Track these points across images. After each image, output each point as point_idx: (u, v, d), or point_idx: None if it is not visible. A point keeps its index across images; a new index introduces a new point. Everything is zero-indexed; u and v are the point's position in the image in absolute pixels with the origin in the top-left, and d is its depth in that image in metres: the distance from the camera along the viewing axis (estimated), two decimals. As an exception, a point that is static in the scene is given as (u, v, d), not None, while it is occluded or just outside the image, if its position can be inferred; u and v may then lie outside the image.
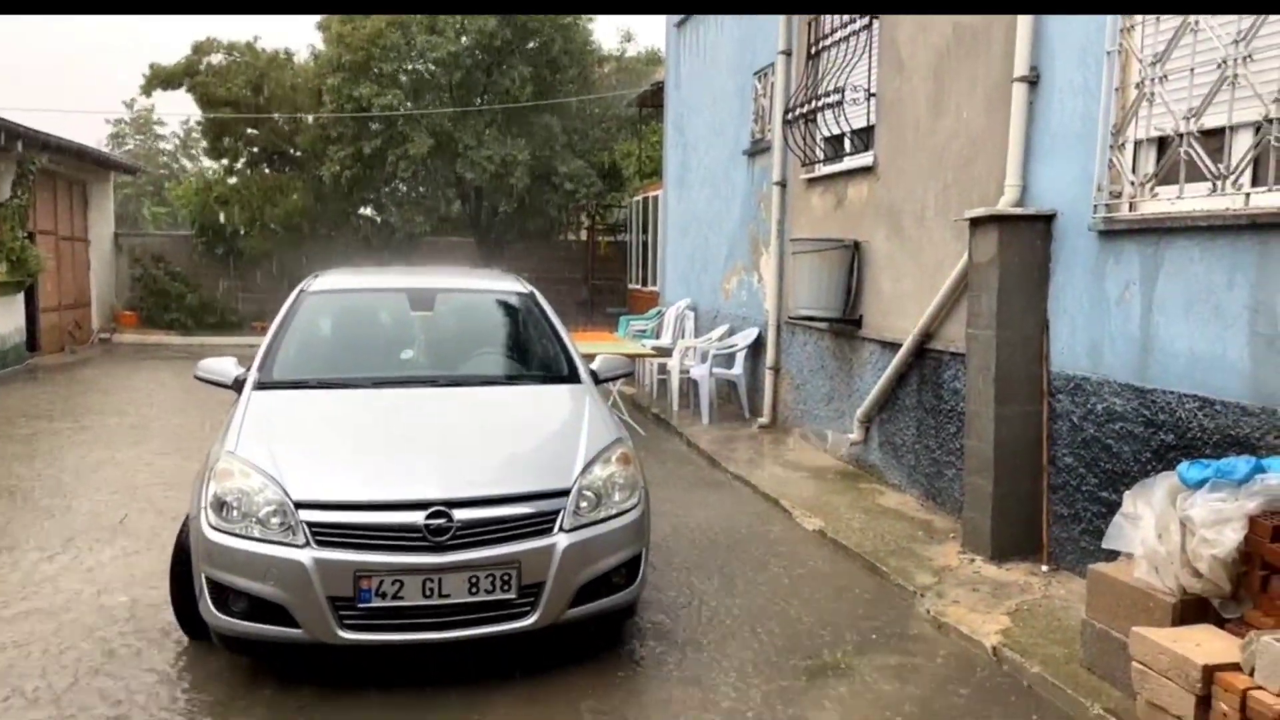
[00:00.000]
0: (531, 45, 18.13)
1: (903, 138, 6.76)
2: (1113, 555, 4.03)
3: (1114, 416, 4.71)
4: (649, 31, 26.32)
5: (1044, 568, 5.14)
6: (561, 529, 3.83)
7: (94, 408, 10.63)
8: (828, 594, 5.04)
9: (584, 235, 22.49)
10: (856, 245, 7.34)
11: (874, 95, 7.17)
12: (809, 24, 8.16)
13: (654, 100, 16.54)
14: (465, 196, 19.91)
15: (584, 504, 3.94)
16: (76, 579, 5.03)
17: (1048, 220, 5.15)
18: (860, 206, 7.42)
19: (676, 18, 13.01)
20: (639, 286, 17.76)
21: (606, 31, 35.54)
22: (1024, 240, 5.18)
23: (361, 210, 20.35)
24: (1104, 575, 3.83)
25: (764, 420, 9.31)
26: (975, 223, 5.42)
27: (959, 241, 5.89)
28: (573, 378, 5.01)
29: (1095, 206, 4.81)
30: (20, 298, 13.88)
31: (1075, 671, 3.91)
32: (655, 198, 15.84)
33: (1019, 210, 5.25)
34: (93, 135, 16.11)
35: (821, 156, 8.11)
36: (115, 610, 4.61)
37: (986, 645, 4.25)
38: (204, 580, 3.74)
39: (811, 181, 8.31)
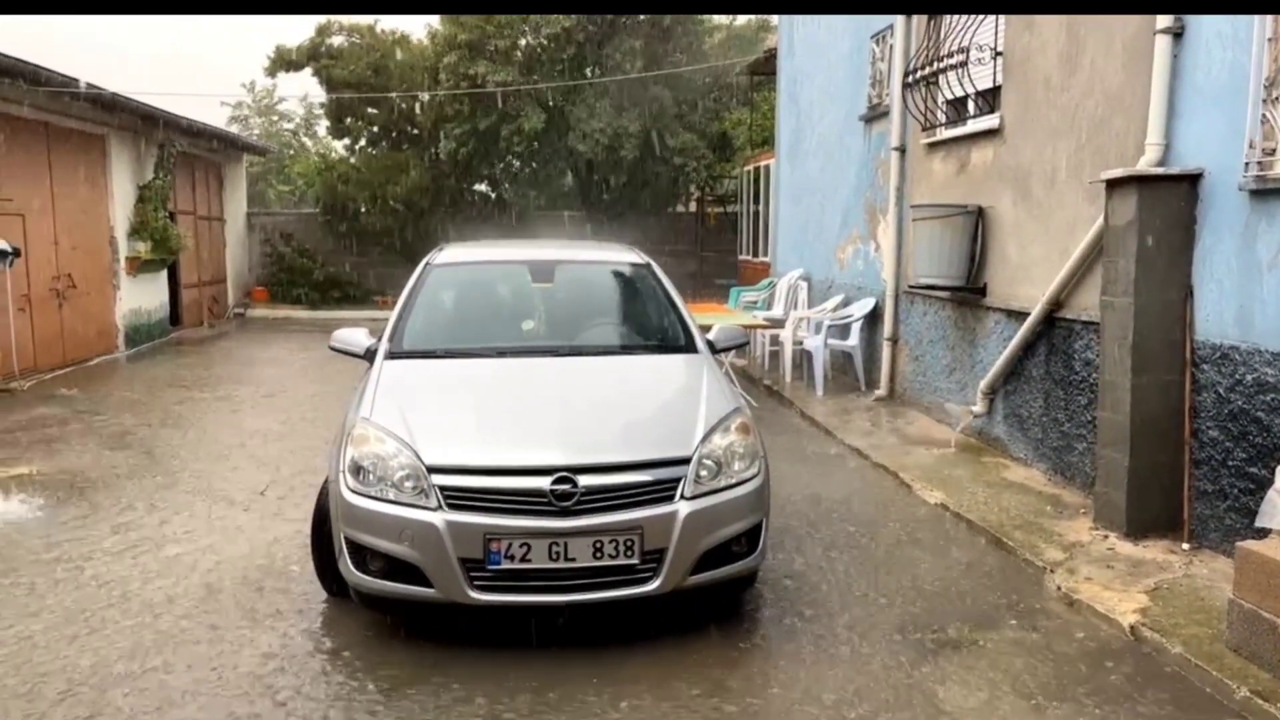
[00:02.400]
0: (642, 16, 18.06)
1: (1032, 97, 6.48)
2: (1261, 534, 3.82)
3: (1265, 387, 4.45)
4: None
5: (1184, 545, 4.91)
6: (683, 496, 3.86)
7: (233, 378, 11.22)
8: (951, 568, 4.94)
9: (693, 206, 22.39)
10: (980, 211, 7.10)
11: (1000, 54, 6.89)
12: (931, -18, 7.89)
13: (766, 68, 16.29)
14: (576, 170, 20.06)
15: (704, 472, 3.96)
16: (221, 541, 5.34)
17: (1193, 180, 4.87)
18: (985, 171, 7.17)
19: (790, -18, 12.74)
20: (749, 257, 17.60)
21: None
22: (1166, 202, 4.91)
23: (476, 186, 20.73)
24: (1254, 553, 3.64)
25: (881, 392, 9.15)
26: (1113, 184, 5.17)
27: (1093, 205, 5.64)
28: (690, 347, 5.03)
29: (1246, 164, 4.52)
30: (164, 274, 14.71)
31: (1220, 653, 3.73)
32: (766, 167, 15.63)
33: (1161, 170, 4.98)
34: (210, 118, 16.86)
35: (943, 120, 7.86)
36: (259, 570, 4.88)
37: (1124, 624, 4.09)
38: (343, 540, 3.92)
39: (932, 146, 8.06)
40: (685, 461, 3.92)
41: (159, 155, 14.09)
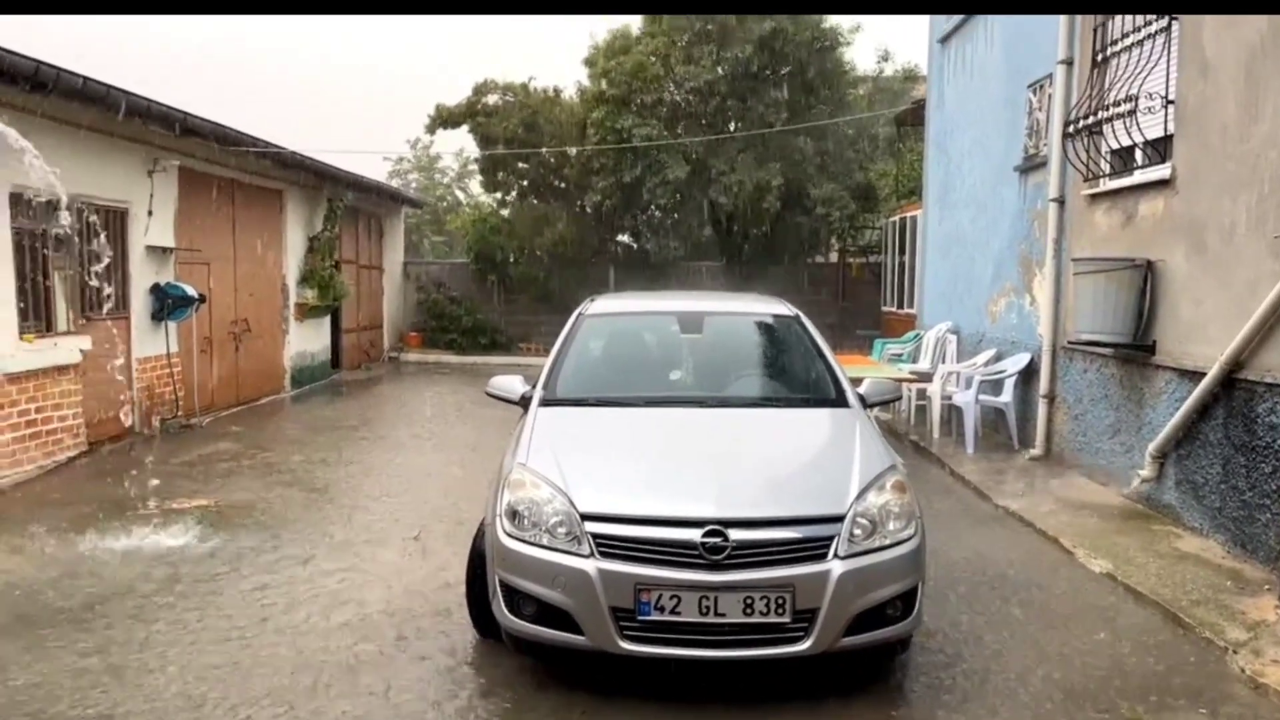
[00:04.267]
0: (786, 70, 18.19)
1: (1207, 147, 6.17)
2: None
3: None
4: (906, 49, 25.80)
5: (1390, 632, 4.47)
6: (836, 555, 3.79)
7: (390, 419, 11.74)
8: (1121, 644, 4.65)
9: (834, 257, 22.18)
10: (1149, 265, 6.76)
11: (1171, 102, 6.60)
12: (1094, 30, 7.66)
13: (913, 118, 16.10)
14: (717, 221, 20.24)
15: (858, 531, 3.88)
16: (379, 577, 5.55)
17: (1396, 234, 4.51)
18: (1154, 223, 6.84)
19: (940, 33, 12.60)
20: (893, 309, 17.27)
21: (863, 51, 35.28)
22: (1365, 257, 4.56)
23: (619, 236, 21.17)
24: None
25: (1036, 452, 8.75)
26: (1301, 239, 4.84)
27: (1278, 260, 5.29)
28: (841, 401, 4.96)
29: None
30: (327, 320, 15.61)
31: None
32: (913, 218, 15.37)
33: (1358, 224, 4.64)
34: (372, 172, 18.28)
35: (1107, 170, 7.56)
36: (414, 608, 5.04)
37: (1321, 715, 3.76)
38: (498, 583, 4.02)
39: (1095, 197, 7.75)
40: (839, 519, 3.85)
41: (328, 208, 15.04)
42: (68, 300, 8.85)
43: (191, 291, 10.44)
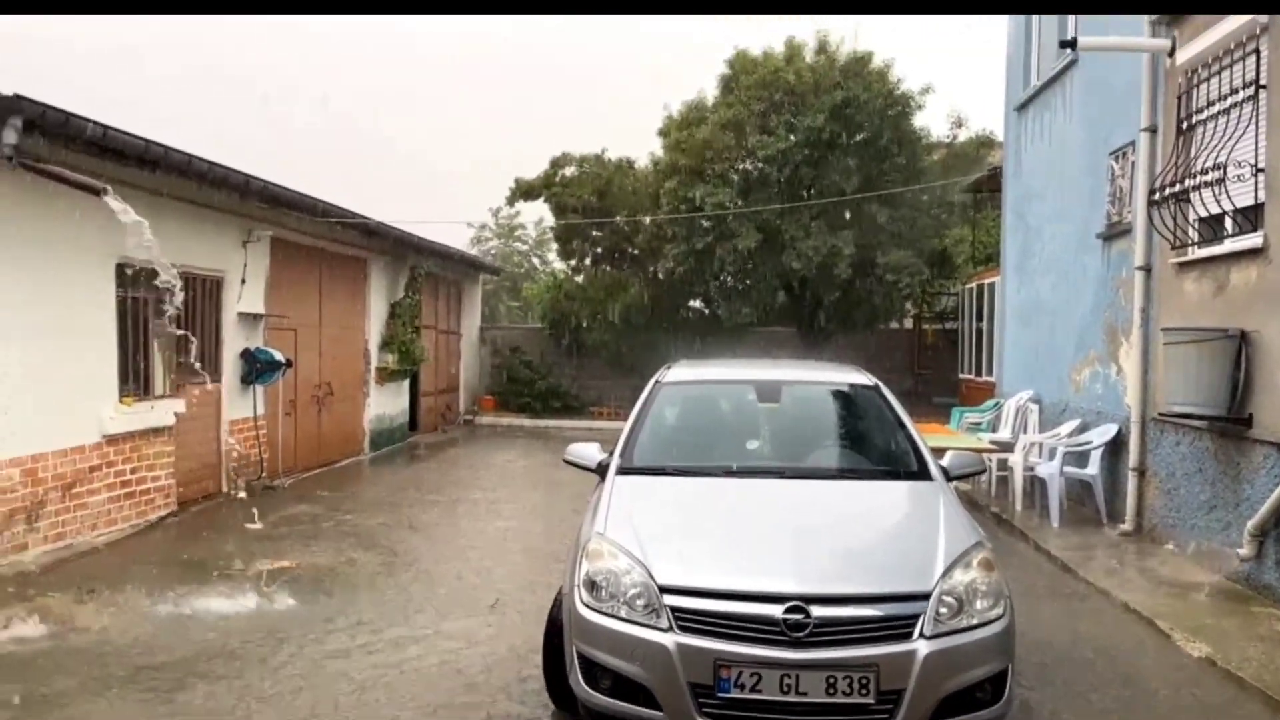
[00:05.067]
0: (860, 137, 18.28)
1: (1302, 215, 6.00)
2: None
3: None
4: (981, 115, 25.79)
5: None
6: (922, 635, 3.69)
7: (465, 483, 11.88)
8: (1225, 734, 4.42)
9: (909, 323, 21.95)
10: (1244, 335, 6.55)
11: (1262, 170, 6.45)
12: (1178, 98, 7.56)
13: (990, 185, 16.00)
14: (789, 287, 20.23)
15: (944, 610, 3.78)
16: (454, 645, 5.56)
17: None
18: (1247, 292, 6.64)
19: (1016, 101, 12.57)
20: (971, 376, 16.97)
21: (936, 117, 35.20)
22: None
23: (691, 302, 21.30)
24: None
25: (1125, 527, 8.44)
26: None
27: (1384, 332, 5.08)
28: (923, 474, 4.88)
29: None
30: (406, 383, 15.94)
31: None
32: (990, 285, 15.17)
33: None
34: (455, 240, 19.16)
35: (1195, 239, 7.39)
36: (489, 677, 5.04)
37: None
38: (575, 654, 3.99)
39: (1183, 266, 7.57)
40: (924, 597, 3.76)
41: (409, 276, 15.47)
42: (165, 364, 9.23)
43: (279, 356, 10.79)
